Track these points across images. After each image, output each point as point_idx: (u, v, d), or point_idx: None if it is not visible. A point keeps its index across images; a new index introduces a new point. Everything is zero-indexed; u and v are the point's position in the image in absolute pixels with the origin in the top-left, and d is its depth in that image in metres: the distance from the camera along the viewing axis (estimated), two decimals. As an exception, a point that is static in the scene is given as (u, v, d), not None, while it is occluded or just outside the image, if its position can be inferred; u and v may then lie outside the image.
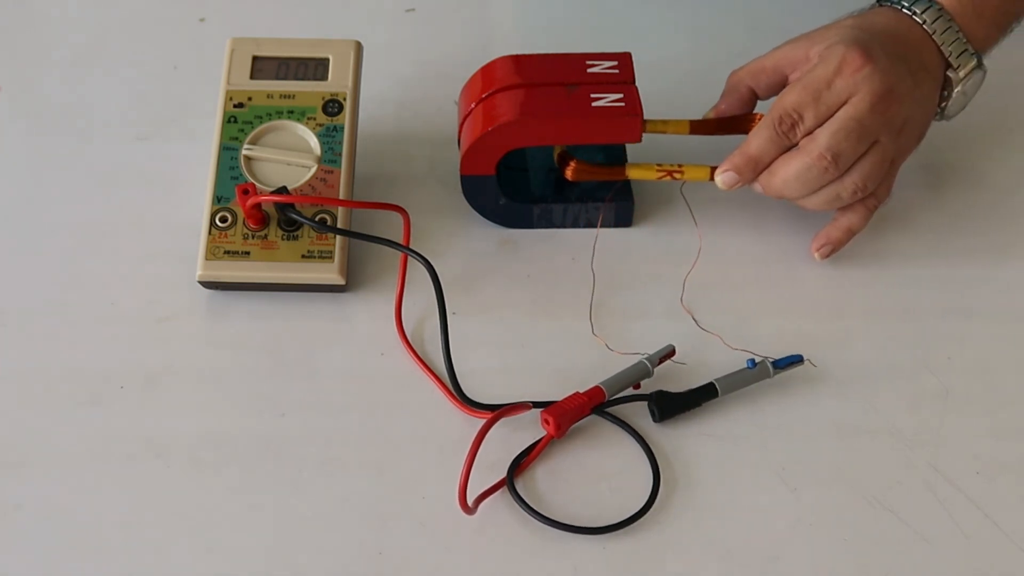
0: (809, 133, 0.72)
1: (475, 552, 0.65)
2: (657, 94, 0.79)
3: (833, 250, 0.77)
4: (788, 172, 0.73)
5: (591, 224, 0.80)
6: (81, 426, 0.70)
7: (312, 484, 0.67)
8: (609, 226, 0.80)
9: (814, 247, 0.77)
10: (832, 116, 0.72)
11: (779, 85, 0.77)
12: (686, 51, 0.91)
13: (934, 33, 0.74)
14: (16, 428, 0.70)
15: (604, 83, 0.76)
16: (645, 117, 0.76)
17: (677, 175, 0.77)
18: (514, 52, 0.79)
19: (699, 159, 0.77)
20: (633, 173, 0.78)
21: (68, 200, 0.82)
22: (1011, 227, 0.81)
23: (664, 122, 0.78)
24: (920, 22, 0.74)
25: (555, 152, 0.78)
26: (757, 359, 0.70)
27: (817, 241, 0.77)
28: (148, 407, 0.71)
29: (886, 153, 0.73)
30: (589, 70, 0.77)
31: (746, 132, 0.76)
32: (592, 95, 0.75)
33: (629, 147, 0.80)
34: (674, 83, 0.86)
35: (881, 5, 0.77)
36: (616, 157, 0.80)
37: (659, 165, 0.77)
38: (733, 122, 0.79)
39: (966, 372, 0.73)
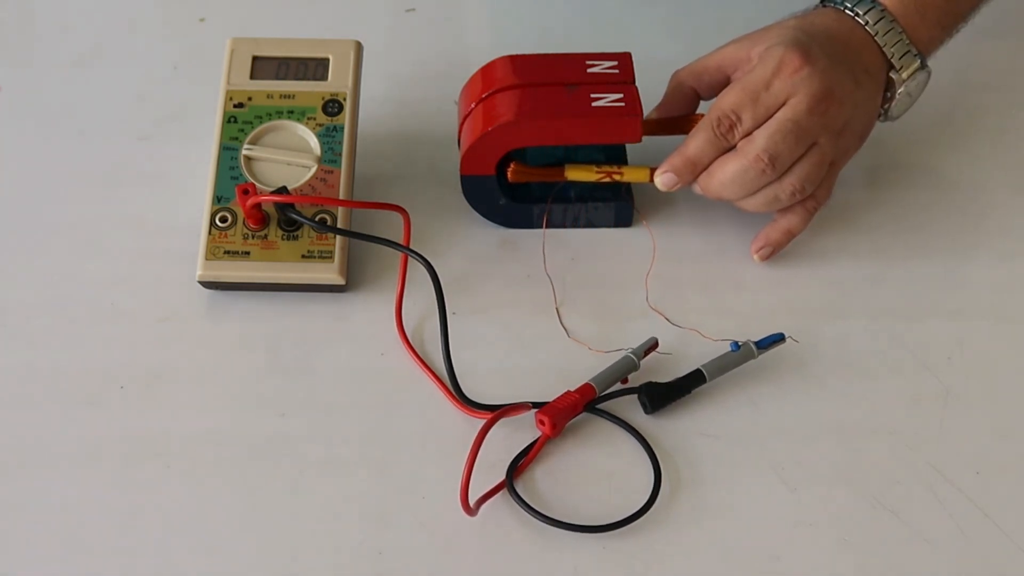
0: (747, 135, 0.72)
1: (475, 552, 0.65)
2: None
3: (773, 251, 0.77)
4: (725, 174, 0.73)
5: (591, 224, 0.80)
6: (81, 426, 0.70)
7: (312, 484, 0.67)
8: (609, 226, 0.80)
9: (753, 248, 0.77)
10: (770, 118, 0.72)
11: (721, 85, 0.76)
12: (686, 51, 0.91)
13: (876, 34, 0.74)
14: (16, 428, 0.70)
15: (604, 83, 0.76)
16: None
17: (616, 176, 0.77)
18: (514, 52, 0.79)
19: (641, 159, 0.77)
20: (572, 174, 0.77)
21: (68, 200, 0.82)
22: (1012, 228, 0.81)
23: None
24: (862, 23, 0.74)
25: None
26: (740, 341, 0.70)
27: (756, 243, 0.77)
28: (148, 407, 0.71)
29: (825, 155, 0.73)
30: (589, 70, 0.77)
31: (688, 132, 0.76)
32: (592, 95, 0.75)
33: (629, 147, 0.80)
34: (674, 83, 0.86)
35: (824, 6, 0.77)
36: (616, 157, 0.80)
37: (598, 167, 0.77)
38: (675, 122, 0.78)
39: (966, 372, 0.72)
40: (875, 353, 0.73)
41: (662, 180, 0.75)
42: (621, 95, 0.75)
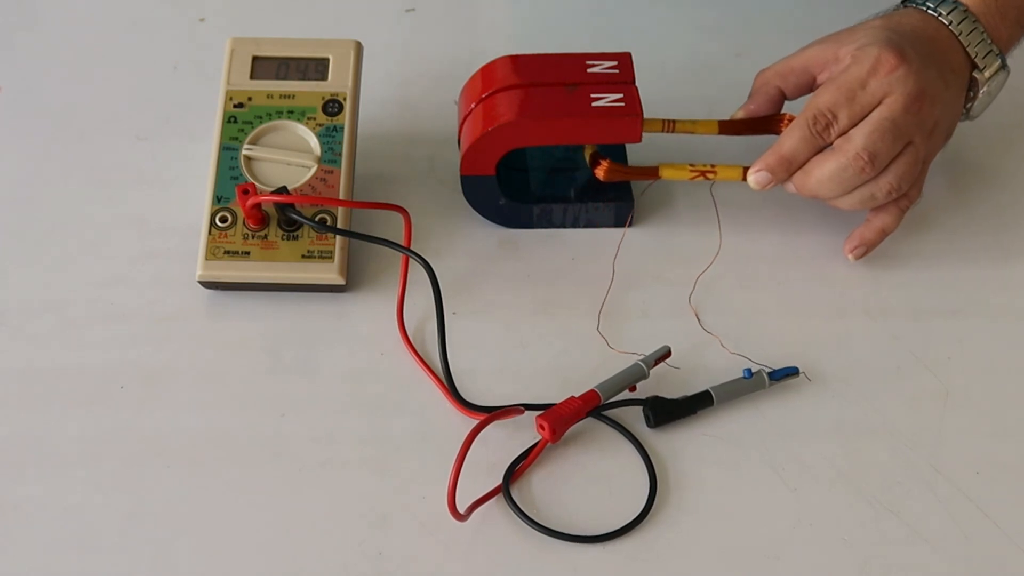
0: (843, 133, 0.73)
1: (475, 552, 0.65)
2: (657, 94, 0.79)
3: (867, 251, 0.77)
4: (823, 172, 0.73)
5: (591, 224, 0.80)
6: (81, 426, 0.70)
7: (312, 484, 0.67)
8: (609, 226, 0.80)
9: (847, 248, 0.77)
10: (866, 117, 0.72)
11: (807, 86, 0.77)
12: (686, 51, 0.91)
13: (960, 34, 0.75)
14: (16, 428, 0.70)
15: (604, 83, 0.76)
16: (674, 118, 0.76)
17: (710, 175, 0.77)
18: (514, 52, 0.79)
19: (727, 159, 0.77)
20: (667, 173, 0.77)
21: (68, 200, 0.82)
22: (1012, 228, 0.81)
23: (693, 122, 0.78)
24: (946, 23, 0.75)
25: (586, 152, 0.78)
26: (754, 369, 0.70)
27: (851, 242, 0.77)
28: (148, 407, 0.71)
29: (919, 153, 0.74)
30: (589, 70, 0.77)
31: (774, 132, 0.77)
32: (592, 95, 0.75)
33: (635, 147, 0.80)
34: (674, 83, 0.86)
35: (906, 6, 0.77)
36: (616, 157, 0.80)
37: (692, 165, 0.77)
38: (761, 122, 0.79)
39: (966, 372, 0.73)
40: (875, 353, 0.73)
41: (756, 178, 0.75)
42: (621, 95, 0.75)
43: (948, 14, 0.75)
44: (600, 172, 0.77)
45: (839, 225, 0.79)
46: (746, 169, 0.75)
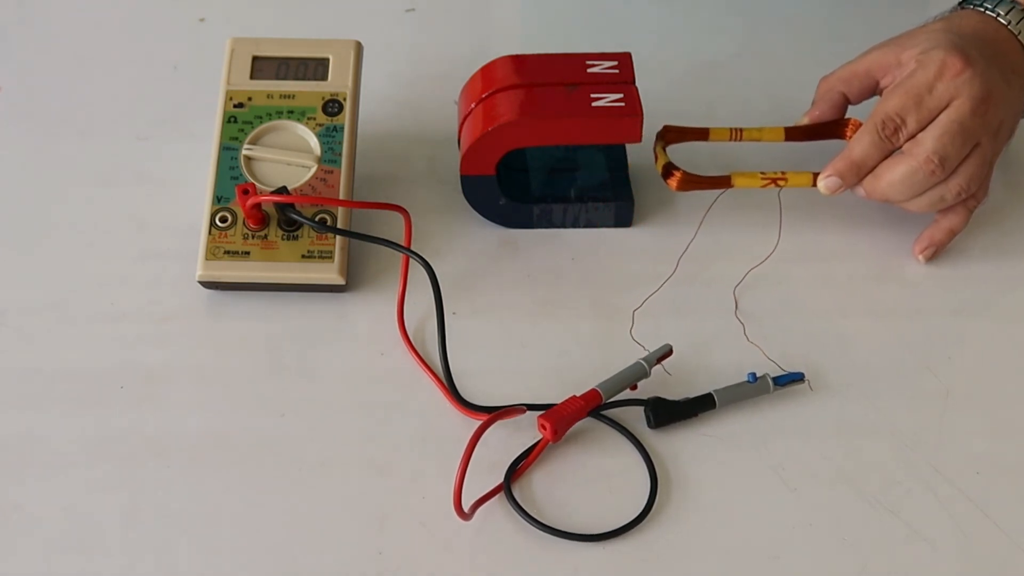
0: (911, 137, 0.73)
1: (475, 552, 0.65)
2: (657, 94, 0.79)
3: (936, 252, 0.78)
4: (894, 176, 0.73)
5: (591, 224, 0.80)
6: (81, 426, 0.70)
7: (312, 484, 0.67)
8: (609, 226, 0.80)
9: (917, 250, 0.78)
10: (934, 120, 0.72)
11: (870, 90, 0.78)
12: (686, 51, 0.91)
13: (1019, 34, 0.75)
14: (16, 428, 0.70)
15: (604, 83, 0.76)
16: (741, 126, 0.77)
17: (781, 182, 0.77)
18: (514, 52, 0.79)
19: (796, 165, 0.77)
20: (739, 182, 0.77)
21: (68, 200, 0.82)
22: (1012, 228, 0.81)
23: (759, 130, 0.79)
24: (1005, 23, 0.75)
25: (659, 164, 0.77)
26: (759, 373, 0.70)
27: (920, 244, 0.78)
28: (148, 407, 0.71)
29: (986, 155, 0.74)
30: (589, 70, 0.77)
31: (839, 137, 0.78)
32: (592, 95, 0.75)
33: (637, 150, 0.80)
34: (674, 83, 0.86)
35: (963, 8, 0.78)
36: (617, 157, 0.80)
37: (763, 173, 0.77)
38: (826, 128, 0.79)
39: (966, 372, 0.73)
40: (875, 353, 0.73)
41: (826, 184, 0.75)
42: (621, 95, 0.75)
43: (1007, 14, 0.75)
44: (673, 183, 0.76)
45: (845, 224, 0.80)
46: (816, 175, 0.76)
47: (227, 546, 0.65)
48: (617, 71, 0.77)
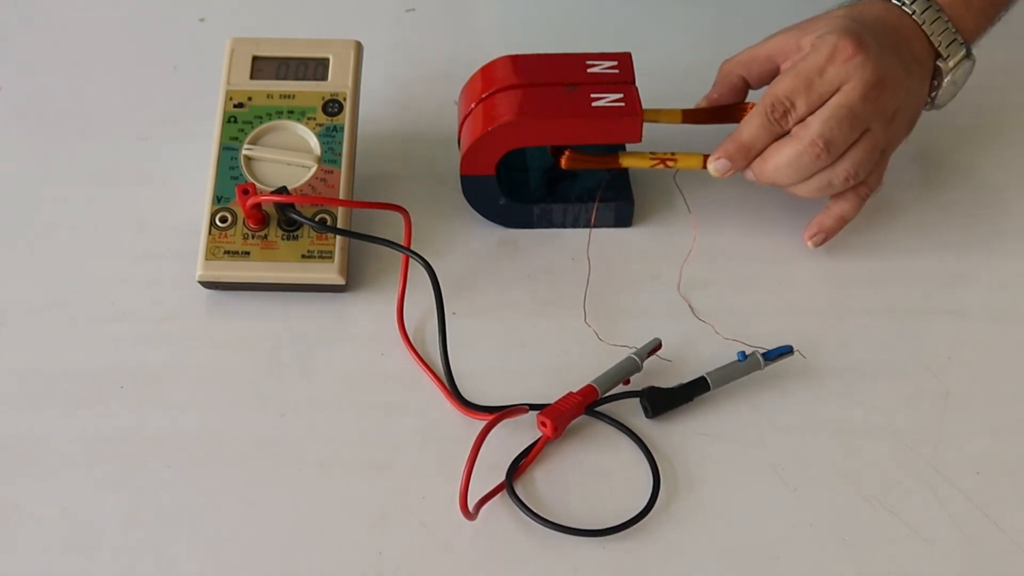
0: (801, 121, 0.73)
1: (475, 552, 0.65)
2: (657, 94, 0.79)
3: (826, 238, 0.77)
4: (780, 159, 0.73)
5: (591, 224, 0.80)
6: (81, 426, 0.70)
7: (312, 484, 0.67)
8: (609, 226, 0.80)
9: (806, 235, 0.78)
10: (824, 104, 0.72)
11: (771, 74, 0.78)
12: (686, 51, 0.91)
13: (924, 23, 0.75)
14: (16, 428, 0.70)
15: (604, 83, 0.76)
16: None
17: (670, 163, 0.77)
18: (514, 52, 0.79)
19: (691, 148, 0.77)
20: (627, 161, 0.78)
21: (68, 200, 0.82)
22: (1012, 227, 0.81)
23: (657, 111, 0.78)
24: (910, 12, 0.75)
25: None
26: (748, 351, 0.70)
27: (809, 229, 0.77)
28: (148, 407, 0.71)
29: (877, 141, 0.74)
30: (589, 70, 0.77)
31: (738, 121, 0.77)
32: (592, 95, 0.75)
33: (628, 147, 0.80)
34: (674, 83, 0.86)
35: None
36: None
37: (652, 153, 0.78)
38: (725, 111, 0.79)
39: (966, 372, 0.73)
40: (875, 353, 0.73)
41: (715, 166, 0.75)
42: (621, 95, 0.75)
43: (911, 3, 0.75)
44: (563, 160, 0.77)
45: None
46: (706, 157, 0.76)
47: (227, 546, 0.65)
48: (617, 71, 0.77)
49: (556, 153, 0.78)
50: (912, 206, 0.82)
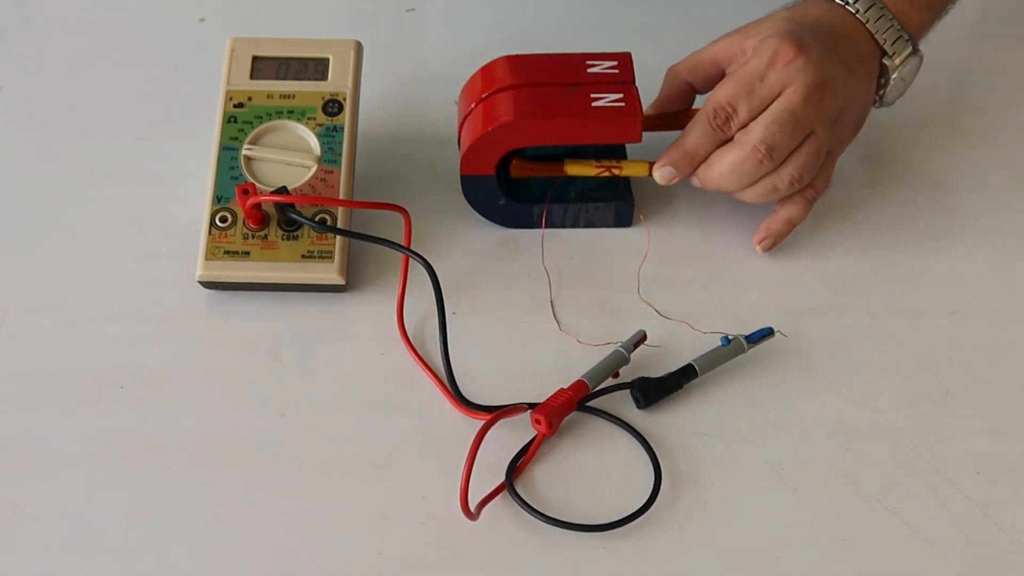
0: (744, 126, 0.73)
1: (475, 552, 0.65)
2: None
3: (775, 242, 0.77)
4: (723, 165, 0.73)
5: (591, 224, 0.80)
6: (81, 426, 0.70)
7: (312, 484, 0.67)
8: (609, 226, 0.80)
9: (755, 240, 0.78)
10: (766, 109, 0.72)
11: (716, 79, 0.77)
12: (686, 51, 0.91)
13: (867, 22, 0.75)
14: (16, 428, 0.70)
15: (604, 83, 0.76)
16: None
17: (616, 171, 0.77)
18: (514, 52, 0.79)
19: (640, 155, 0.77)
20: (572, 169, 0.78)
21: (68, 200, 0.82)
22: (1012, 227, 0.81)
23: None
24: (853, 11, 0.75)
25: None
26: (730, 336, 0.71)
27: (758, 234, 0.78)
28: (148, 407, 0.71)
29: (821, 144, 0.73)
30: (589, 70, 0.77)
31: (684, 127, 0.76)
32: (592, 95, 0.75)
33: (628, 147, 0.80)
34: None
35: None
36: (615, 156, 0.80)
37: (597, 161, 0.78)
38: (672, 117, 0.79)
39: (966, 372, 0.73)
40: (875, 353, 0.73)
41: (661, 174, 0.75)
42: (621, 95, 0.75)
43: (855, 2, 0.75)
44: (511, 169, 0.78)
45: (839, 223, 0.80)
46: (652, 164, 0.76)
47: (227, 546, 0.65)
48: (617, 71, 0.77)
49: (503, 165, 0.78)
50: (911, 205, 0.81)
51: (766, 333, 0.71)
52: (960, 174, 0.84)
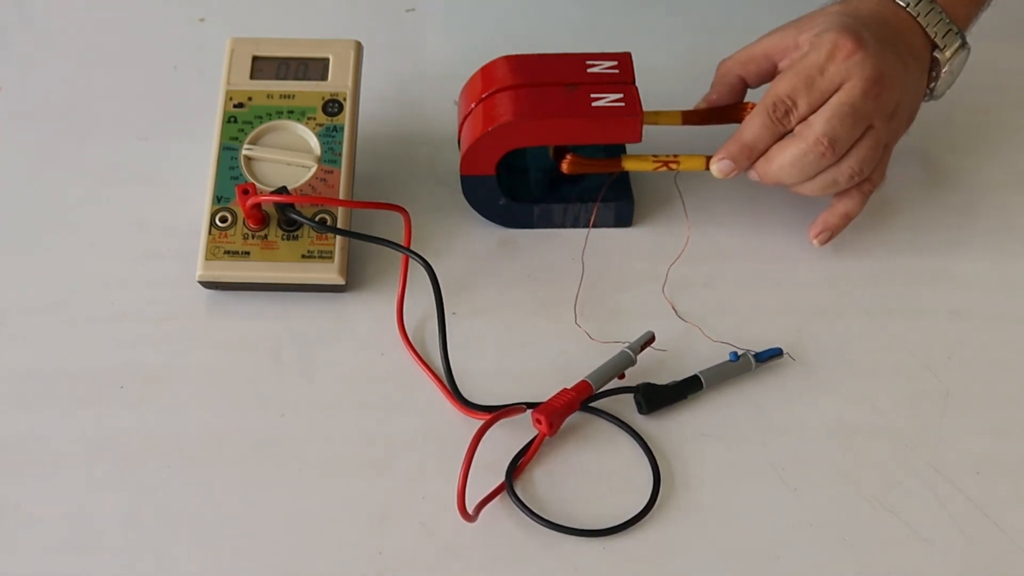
0: (803, 119, 0.73)
1: (475, 552, 0.65)
2: (657, 94, 0.79)
3: (831, 236, 0.77)
4: (785, 158, 0.73)
5: (591, 224, 0.80)
6: (81, 426, 0.70)
7: (312, 484, 0.67)
8: (609, 226, 0.80)
9: (812, 234, 0.77)
10: (825, 102, 0.72)
11: (768, 73, 0.77)
12: (686, 51, 0.91)
13: (918, 16, 0.75)
14: (16, 428, 0.70)
15: (604, 83, 0.76)
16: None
17: (673, 165, 0.77)
18: (514, 52, 0.79)
19: (692, 149, 0.77)
20: (629, 164, 0.78)
21: (68, 200, 0.82)
22: (1013, 227, 0.81)
23: (656, 113, 0.78)
24: (904, 5, 0.75)
25: (551, 147, 0.78)
26: (739, 352, 0.71)
27: (815, 228, 0.77)
28: (148, 407, 0.71)
29: (880, 137, 0.74)
30: (589, 70, 0.77)
31: (738, 121, 0.77)
32: (592, 95, 0.75)
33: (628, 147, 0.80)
34: (674, 83, 0.86)
35: None
36: (615, 155, 0.80)
37: (655, 156, 0.78)
38: (724, 111, 0.79)
39: (966, 372, 0.72)
40: (875, 353, 0.73)
41: (719, 167, 0.75)
42: (621, 95, 0.75)
43: None
44: (564, 165, 0.77)
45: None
46: (709, 158, 0.76)
47: (227, 546, 0.65)
48: (617, 71, 0.77)
49: (558, 157, 0.78)
50: (911, 205, 0.82)
51: (775, 353, 0.71)
52: (960, 174, 0.84)
